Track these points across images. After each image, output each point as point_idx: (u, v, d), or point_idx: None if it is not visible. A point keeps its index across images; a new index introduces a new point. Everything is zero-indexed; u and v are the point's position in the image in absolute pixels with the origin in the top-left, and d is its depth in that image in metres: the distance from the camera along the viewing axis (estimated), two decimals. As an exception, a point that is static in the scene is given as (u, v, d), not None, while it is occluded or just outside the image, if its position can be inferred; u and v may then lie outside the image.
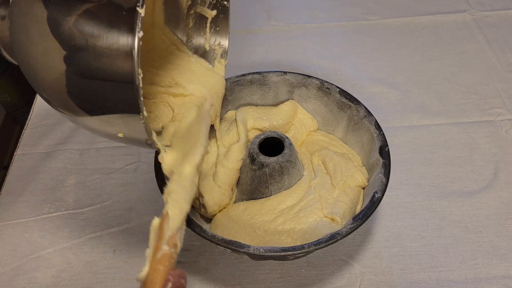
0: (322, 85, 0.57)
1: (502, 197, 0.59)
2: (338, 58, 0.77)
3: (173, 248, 0.33)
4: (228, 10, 0.51)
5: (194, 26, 0.53)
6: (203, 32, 0.53)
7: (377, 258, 0.54)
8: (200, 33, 0.53)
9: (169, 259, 0.32)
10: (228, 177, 0.52)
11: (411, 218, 0.58)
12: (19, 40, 0.37)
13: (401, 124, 0.67)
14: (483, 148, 0.64)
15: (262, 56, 0.77)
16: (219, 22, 0.52)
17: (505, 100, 0.70)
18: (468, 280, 0.52)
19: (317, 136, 0.59)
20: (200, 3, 0.52)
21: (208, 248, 0.55)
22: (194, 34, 0.53)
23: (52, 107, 0.39)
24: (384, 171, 0.49)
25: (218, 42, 0.53)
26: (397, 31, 0.81)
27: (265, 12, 0.85)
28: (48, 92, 0.38)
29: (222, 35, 0.53)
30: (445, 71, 0.75)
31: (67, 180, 0.62)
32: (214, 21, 0.53)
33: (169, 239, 0.33)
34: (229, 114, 0.60)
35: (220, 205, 0.52)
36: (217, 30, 0.53)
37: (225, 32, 0.53)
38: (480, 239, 0.56)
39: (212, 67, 0.53)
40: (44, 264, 0.55)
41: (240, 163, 0.53)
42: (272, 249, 0.44)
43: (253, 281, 0.53)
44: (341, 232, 0.45)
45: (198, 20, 0.53)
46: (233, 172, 0.52)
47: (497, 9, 0.83)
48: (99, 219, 0.59)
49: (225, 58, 0.54)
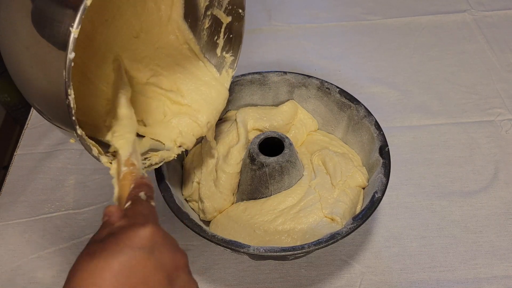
0: (322, 85, 0.57)
1: (502, 197, 0.59)
2: (338, 58, 0.77)
3: (131, 167, 0.38)
4: (243, 20, 0.50)
5: (209, 28, 0.52)
6: (217, 36, 0.52)
7: (377, 258, 0.54)
8: (214, 37, 0.52)
9: (130, 174, 0.38)
10: (229, 182, 0.52)
11: (411, 218, 0.58)
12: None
13: (401, 124, 0.67)
14: (483, 148, 0.64)
15: (262, 56, 0.77)
16: (234, 30, 0.51)
17: (505, 100, 0.70)
18: (468, 280, 0.52)
19: (317, 136, 0.59)
20: (217, 6, 0.51)
21: (208, 248, 0.55)
22: (209, 37, 0.52)
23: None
24: (384, 171, 0.49)
25: (230, 51, 0.52)
26: (397, 31, 0.81)
27: (265, 12, 0.85)
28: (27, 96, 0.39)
29: (235, 44, 0.52)
30: (445, 71, 0.75)
31: (67, 180, 0.62)
32: (229, 28, 0.51)
33: (125, 162, 0.39)
34: (229, 114, 0.60)
35: (220, 210, 0.52)
36: (231, 38, 0.52)
37: (238, 41, 0.52)
38: (480, 239, 0.56)
39: (219, 76, 0.52)
40: (44, 264, 0.55)
41: (240, 165, 0.53)
42: (272, 249, 0.44)
43: (253, 281, 0.53)
44: (341, 232, 0.45)
45: (214, 23, 0.52)
46: (234, 176, 0.52)
47: (497, 9, 0.83)
48: (99, 219, 0.58)
49: (233, 68, 0.53)
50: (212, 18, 0.51)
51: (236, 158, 0.52)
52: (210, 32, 0.52)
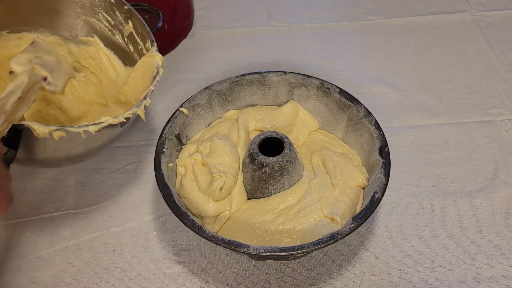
0: (322, 85, 0.57)
1: (502, 197, 0.59)
2: (338, 58, 0.77)
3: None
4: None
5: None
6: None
7: (377, 258, 0.54)
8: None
9: None
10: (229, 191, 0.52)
11: (411, 218, 0.58)
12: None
13: (401, 124, 0.67)
14: (483, 148, 0.64)
15: (262, 56, 0.77)
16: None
17: (505, 100, 0.70)
18: (468, 280, 0.52)
19: (317, 136, 0.59)
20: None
21: (208, 248, 0.55)
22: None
23: None
24: (384, 171, 0.49)
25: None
26: (397, 31, 0.81)
27: (265, 12, 0.85)
28: None
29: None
30: (445, 71, 0.75)
31: (67, 180, 0.62)
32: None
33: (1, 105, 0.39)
34: (229, 114, 0.60)
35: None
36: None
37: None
38: (480, 239, 0.56)
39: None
40: (44, 264, 0.55)
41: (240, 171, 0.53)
42: (272, 249, 0.44)
43: (253, 281, 0.53)
44: (341, 232, 0.45)
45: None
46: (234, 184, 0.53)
47: (497, 9, 0.83)
48: (99, 219, 0.59)
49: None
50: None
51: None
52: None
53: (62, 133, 0.43)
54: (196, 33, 0.81)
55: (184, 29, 0.80)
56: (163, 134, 0.53)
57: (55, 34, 0.60)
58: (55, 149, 0.46)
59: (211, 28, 0.82)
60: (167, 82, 0.72)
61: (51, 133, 0.43)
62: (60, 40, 0.60)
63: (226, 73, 0.69)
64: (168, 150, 0.53)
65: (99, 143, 0.50)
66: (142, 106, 0.50)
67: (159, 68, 0.53)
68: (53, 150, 0.46)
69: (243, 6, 0.86)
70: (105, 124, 0.46)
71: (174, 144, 0.54)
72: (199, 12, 0.84)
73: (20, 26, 0.58)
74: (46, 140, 0.43)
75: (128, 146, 0.65)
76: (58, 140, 0.44)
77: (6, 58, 0.57)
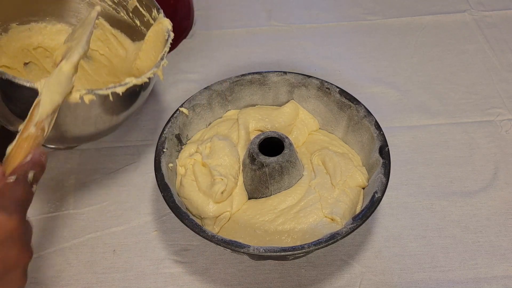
0: (322, 85, 0.57)
1: (502, 197, 0.59)
2: (338, 58, 0.77)
3: (40, 131, 0.38)
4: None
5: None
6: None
7: (377, 258, 0.54)
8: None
9: (34, 139, 0.37)
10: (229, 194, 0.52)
11: (411, 218, 0.58)
12: None
13: (401, 124, 0.67)
14: (483, 148, 0.64)
15: (262, 56, 0.77)
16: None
17: (505, 100, 0.70)
18: (468, 280, 0.52)
19: (317, 136, 0.59)
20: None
21: (208, 248, 0.55)
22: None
23: None
24: (384, 171, 0.49)
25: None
26: (397, 31, 0.81)
27: (265, 12, 0.85)
28: None
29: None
30: (445, 71, 0.75)
31: (67, 180, 0.62)
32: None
33: (38, 123, 0.38)
34: (229, 114, 0.60)
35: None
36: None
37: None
38: (480, 239, 0.56)
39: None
40: (44, 264, 0.55)
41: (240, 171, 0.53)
42: (272, 249, 0.44)
43: (253, 281, 0.53)
44: (341, 232, 0.45)
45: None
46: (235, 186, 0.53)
47: (497, 9, 0.83)
48: (99, 219, 0.59)
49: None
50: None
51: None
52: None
53: (92, 96, 0.45)
54: (196, 33, 0.81)
55: (184, 29, 0.80)
56: (163, 134, 0.53)
57: (62, 21, 0.61)
58: (87, 117, 0.48)
59: (211, 28, 0.82)
60: (167, 82, 0.72)
61: (82, 98, 0.44)
62: (67, 27, 0.61)
63: (226, 73, 0.68)
64: (168, 150, 0.53)
65: (124, 112, 0.52)
66: (161, 66, 0.52)
67: (170, 32, 0.54)
68: (84, 120, 0.48)
69: (243, 6, 0.86)
70: (130, 85, 0.47)
71: (174, 144, 0.54)
72: (199, 12, 0.84)
73: (28, 17, 0.59)
74: (78, 107, 0.45)
75: (128, 146, 0.65)
76: (88, 109, 0.45)
77: (19, 50, 0.59)
